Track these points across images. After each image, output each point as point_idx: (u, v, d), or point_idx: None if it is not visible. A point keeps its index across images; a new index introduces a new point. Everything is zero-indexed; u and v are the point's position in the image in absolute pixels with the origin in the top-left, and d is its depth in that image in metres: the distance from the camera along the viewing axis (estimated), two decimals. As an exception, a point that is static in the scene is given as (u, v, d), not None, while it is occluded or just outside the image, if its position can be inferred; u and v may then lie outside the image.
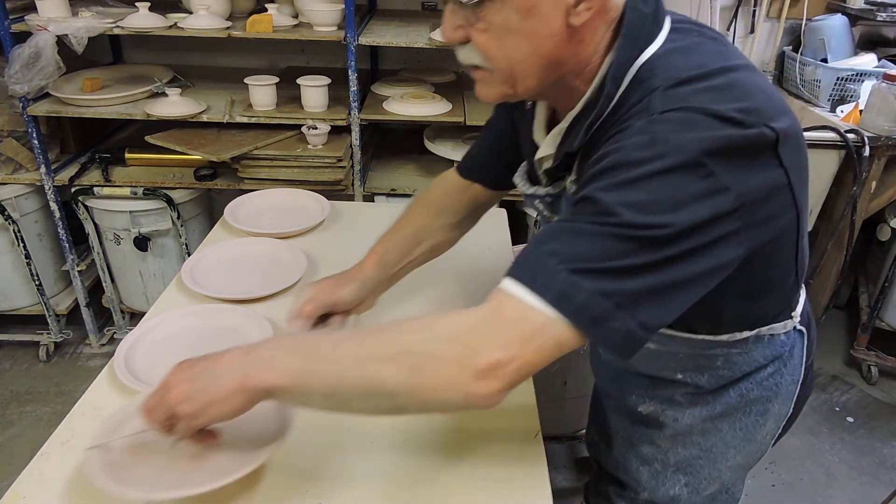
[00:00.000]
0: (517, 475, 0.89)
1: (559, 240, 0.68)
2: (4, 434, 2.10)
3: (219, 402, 0.71)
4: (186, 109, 2.05)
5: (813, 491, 2.01)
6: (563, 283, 0.65)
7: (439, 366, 0.68)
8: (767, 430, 1.02)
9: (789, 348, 0.95)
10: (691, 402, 1.00)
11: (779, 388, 0.98)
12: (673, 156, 0.65)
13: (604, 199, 0.66)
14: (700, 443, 1.02)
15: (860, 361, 2.47)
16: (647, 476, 1.08)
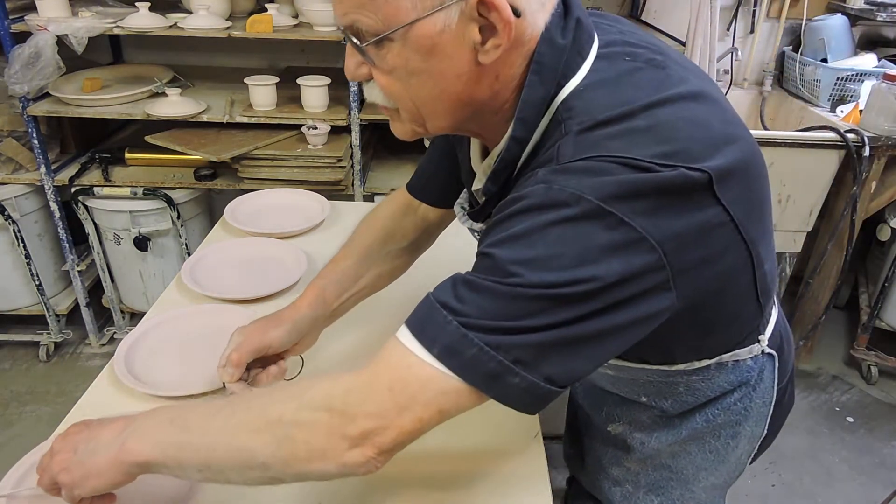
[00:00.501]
0: (517, 475, 0.89)
1: (457, 291, 0.64)
2: (4, 434, 2.10)
3: (95, 475, 0.70)
4: (186, 109, 2.05)
5: (813, 491, 2.01)
6: (453, 336, 0.61)
7: (310, 436, 0.63)
8: (741, 450, 0.97)
9: (757, 373, 0.89)
10: (657, 425, 0.97)
11: (748, 411, 0.93)
12: (573, 205, 0.58)
13: (499, 256, 0.61)
14: (670, 465, 0.99)
15: (860, 361, 2.47)
16: (619, 496, 1.06)
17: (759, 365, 0.89)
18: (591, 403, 1.08)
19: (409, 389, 0.63)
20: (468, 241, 1.50)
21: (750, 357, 0.87)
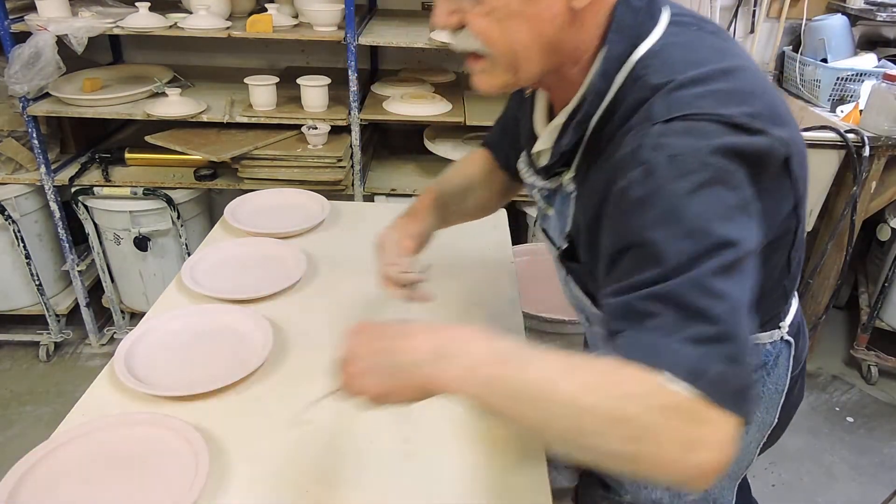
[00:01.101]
0: (517, 475, 0.89)
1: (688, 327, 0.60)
2: (4, 434, 2.10)
3: (397, 394, 0.68)
4: (186, 109, 2.05)
5: (813, 491, 2.01)
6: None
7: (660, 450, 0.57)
8: (751, 437, 0.99)
9: (774, 357, 0.92)
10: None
11: (761, 396, 0.96)
12: (701, 171, 0.62)
13: (658, 243, 0.61)
14: None
15: (860, 361, 2.46)
16: (629, 479, 1.06)
17: (777, 350, 0.92)
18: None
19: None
20: (465, 237, 1.50)
21: (769, 342, 0.90)
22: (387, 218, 1.54)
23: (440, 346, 0.65)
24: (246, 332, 1.14)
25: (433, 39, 1.95)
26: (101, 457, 0.88)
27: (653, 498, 1.06)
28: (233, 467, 0.89)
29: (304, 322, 1.19)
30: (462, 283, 1.34)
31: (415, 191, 2.19)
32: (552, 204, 0.90)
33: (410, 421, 0.98)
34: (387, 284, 0.98)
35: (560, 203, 0.86)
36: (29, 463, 0.86)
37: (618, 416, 0.57)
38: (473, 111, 2.14)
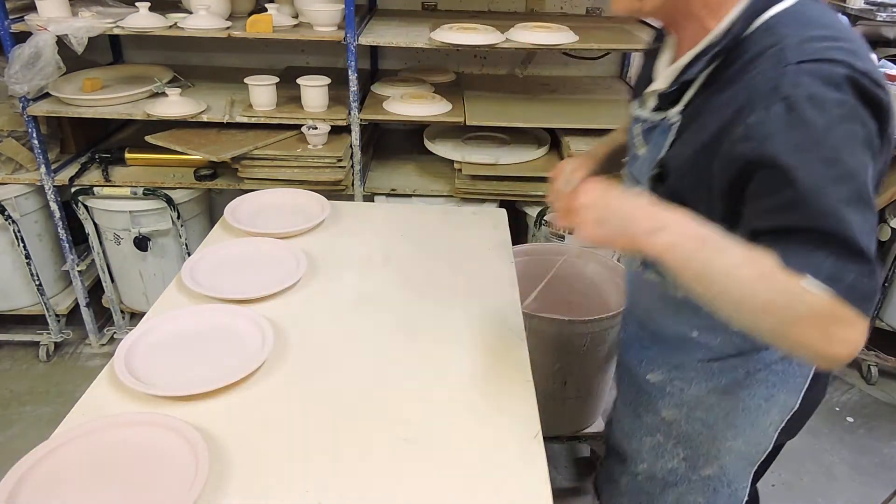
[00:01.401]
0: (517, 475, 0.89)
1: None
2: (4, 434, 2.10)
3: (614, 240, 0.83)
4: (186, 109, 2.05)
5: (813, 491, 2.01)
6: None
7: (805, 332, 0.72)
8: (771, 419, 1.03)
9: None
10: (698, 373, 1.03)
11: (786, 375, 1.00)
12: (837, 108, 0.71)
13: (795, 168, 0.72)
14: (703, 418, 1.05)
15: (860, 361, 2.47)
16: (647, 447, 1.13)
17: None
18: (632, 356, 1.14)
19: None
20: (465, 238, 1.50)
21: None
22: (387, 218, 1.56)
23: (659, 220, 0.79)
24: (246, 332, 1.14)
25: (433, 39, 1.95)
26: (101, 457, 0.88)
27: (668, 467, 1.11)
28: (233, 467, 0.89)
29: (304, 322, 1.19)
30: (462, 283, 1.34)
31: (415, 190, 2.19)
32: (648, 141, 0.97)
33: (410, 421, 0.98)
34: (554, 214, 1.09)
35: (658, 135, 0.94)
36: (29, 463, 0.86)
37: (778, 305, 0.72)
38: (473, 111, 2.14)
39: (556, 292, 2.02)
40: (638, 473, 1.17)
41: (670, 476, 1.12)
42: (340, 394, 1.03)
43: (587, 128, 2.12)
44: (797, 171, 0.71)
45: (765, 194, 0.75)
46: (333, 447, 0.93)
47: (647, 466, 1.14)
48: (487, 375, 1.08)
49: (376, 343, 1.15)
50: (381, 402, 1.02)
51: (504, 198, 2.15)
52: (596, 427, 1.97)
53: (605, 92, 2.49)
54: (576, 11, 2.59)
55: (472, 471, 0.90)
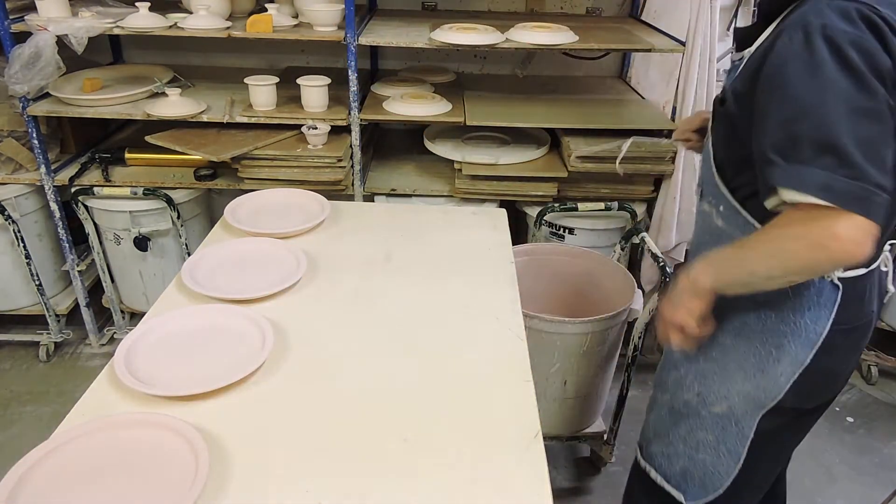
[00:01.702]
0: (517, 475, 0.89)
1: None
2: (4, 434, 2.10)
3: (681, 305, 1.06)
4: (186, 109, 2.05)
5: (813, 491, 2.01)
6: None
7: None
8: (782, 369, 1.09)
9: (816, 293, 1.04)
10: (719, 312, 1.11)
11: (797, 328, 1.06)
12: (847, 38, 0.86)
13: (796, 87, 0.88)
14: (718, 358, 1.16)
15: (860, 361, 2.47)
16: (672, 379, 1.26)
17: (822, 287, 1.04)
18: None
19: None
20: (465, 238, 1.50)
21: (818, 278, 1.03)
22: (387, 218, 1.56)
23: (689, 274, 1.05)
24: (246, 332, 1.14)
25: (433, 39, 1.95)
26: (101, 457, 0.88)
27: (684, 399, 1.23)
28: (233, 467, 0.89)
29: (304, 322, 1.19)
30: (462, 283, 1.34)
31: (415, 191, 2.19)
32: (729, 81, 1.09)
33: (410, 420, 0.98)
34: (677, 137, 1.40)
35: (732, 72, 1.08)
36: (29, 463, 0.86)
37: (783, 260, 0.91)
38: (473, 111, 2.15)
39: (557, 292, 2.02)
40: (663, 405, 1.29)
41: (684, 408, 1.23)
42: (340, 394, 1.03)
43: (587, 128, 2.12)
44: (798, 89, 0.86)
45: (772, 113, 0.90)
46: (333, 447, 0.93)
47: (670, 398, 1.26)
48: (487, 375, 1.08)
49: (376, 343, 1.15)
50: (381, 402, 1.02)
51: (504, 198, 2.15)
52: (596, 427, 1.97)
53: (605, 92, 2.49)
54: (576, 11, 2.59)
55: (472, 471, 0.90)
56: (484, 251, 1.47)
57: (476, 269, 1.39)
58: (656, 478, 1.30)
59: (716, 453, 1.20)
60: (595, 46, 2.00)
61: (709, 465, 1.21)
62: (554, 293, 2.02)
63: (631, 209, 2.10)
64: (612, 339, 1.79)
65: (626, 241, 2.04)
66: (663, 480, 1.29)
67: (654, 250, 1.78)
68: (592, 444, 1.99)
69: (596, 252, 1.97)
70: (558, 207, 2.08)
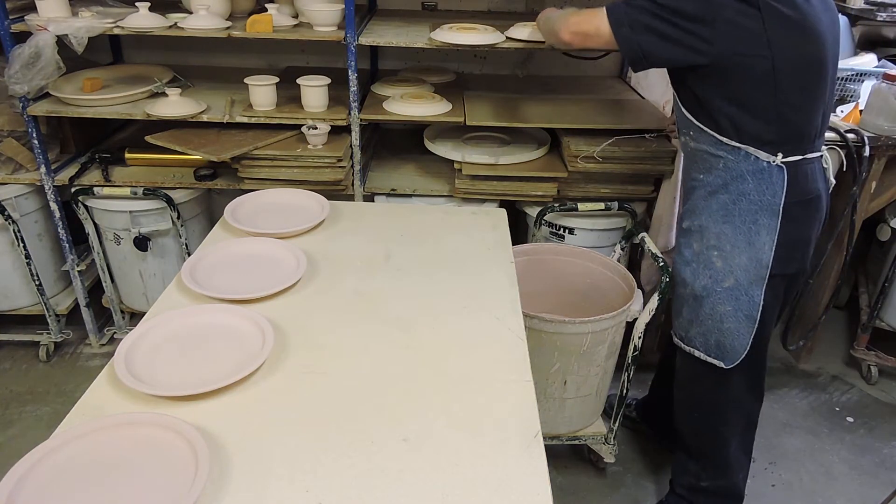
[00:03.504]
0: (517, 475, 0.89)
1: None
2: (4, 434, 2.10)
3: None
4: (186, 109, 2.05)
5: (813, 491, 2.01)
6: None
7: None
8: (763, 240, 1.45)
9: (769, 175, 1.41)
10: (702, 208, 1.51)
11: (762, 203, 1.42)
12: None
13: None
14: (715, 245, 1.50)
15: (860, 361, 2.47)
16: (689, 273, 1.57)
17: (772, 171, 1.41)
18: (681, 216, 1.64)
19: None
20: (465, 238, 1.50)
21: (766, 160, 1.40)
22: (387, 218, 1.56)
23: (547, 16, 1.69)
24: (246, 332, 1.14)
25: (433, 39, 1.95)
26: (101, 457, 0.88)
27: (702, 284, 1.53)
28: (233, 467, 0.89)
29: (304, 322, 1.19)
30: (462, 283, 1.34)
31: (415, 191, 2.19)
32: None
33: (410, 420, 0.98)
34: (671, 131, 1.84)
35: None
36: (29, 463, 0.86)
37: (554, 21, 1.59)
38: (473, 111, 2.14)
39: (557, 292, 2.02)
40: (688, 296, 1.58)
41: (703, 291, 1.54)
42: (340, 394, 1.03)
43: (587, 128, 2.12)
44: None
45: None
46: (333, 447, 0.93)
47: (690, 288, 1.56)
48: (487, 375, 1.08)
49: (376, 343, 1.15)
50: (381, 402, 1.02)
51: (504, 198, 2.15)
52: (596, 427, 1.97)
53: (605, 92, 2.49)
54: (576, 11, 2.59)
55: (472, 471, 0.90)
56: (484, 251, 1.47)
57: (476, 269, 1.40)
58: (700, 355, 1.60)
59: (736, 320, 1.52)
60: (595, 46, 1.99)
61: (734, 331, 1.53)
62: (554, 293, 2.02)
63: (631, 209, 2.10)
64: (612, 339, 1.79)
65: (626, 241, 2.04)
66: (705, 355, 1.59)
67: (653, 250, 1.78)
68: (592, 444, 1.99)
69: (596, 252, 1.97)
70: (558, 207, 2.08)
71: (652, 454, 2.11)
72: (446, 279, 1.35)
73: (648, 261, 2.23)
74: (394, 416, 0.99)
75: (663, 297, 1.69)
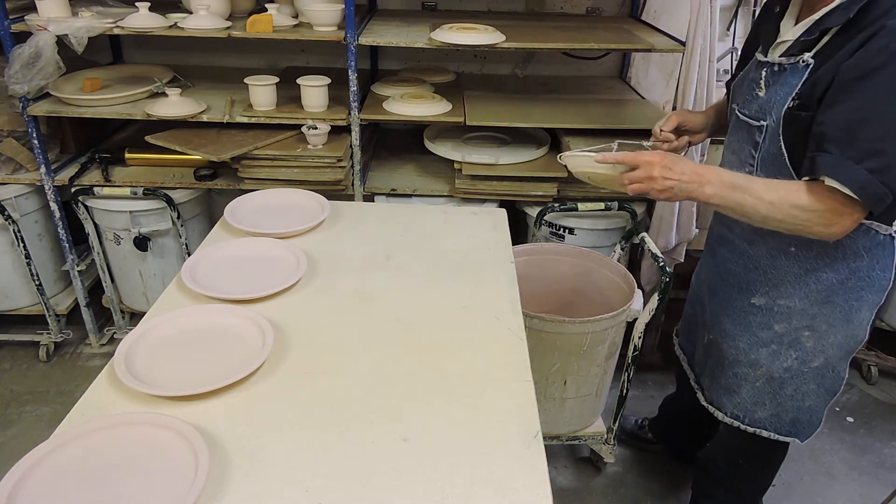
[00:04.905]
0: (517, 475, 0.89)
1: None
2: (4, 434, 2.10)
3: (674, 197, 1.20)
4: (186, 109, 2.05)
5: (813, 491, 2.01)
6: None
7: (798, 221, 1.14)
8: (863, 315, 1.32)
9: (882, 248, 1.24)
10: (796, 288, 1.32)
11: (872, 279, 1.27)
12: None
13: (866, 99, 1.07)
14: (809, 325, 1.33)
15: (860, 361, 2.47)
16: (765, 355, 1.40)
17: (886, 243, 1.25)
18: (737, 289, 1.43)
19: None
20: (465, 238, 1.51)
21: (884, 232, 1.23)
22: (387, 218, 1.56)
23: (701, 176, 1.17)
24: (246, 332, 1.14)
25: (433, 39, 1.95)
26: (101, 457, 0.88)
27: (784, 366, 1.39)
28: (233, 467, 0.89)
29: (304, 322, 1.19)
30: (462, 283, 1.34)
31: (415, 191, 2.19)
32: (772, 83, 1.23)
33: (410, 420, 0.98)
34: (657, 139, 1.56)
35: (789, 75, 1.20)
36: (29, 463, 0.86)
37: (786, 216, 1.13)
38: (473, 111, 2.14)
39: (557, 292, 2.02)
40: (758, 378, 1.43)
41: (786, 374, 1.39)
42: (340, 394, 1.03)
43: (587, 128, 2.12)
44: (873, 94, 1.03)
45: (845, 101, 1.07)
46: (333, 447, 0.93)
47: (765, 370, 1.41)
48: (487, 375, 1.08)
49: (376, 343, 1.15)
50: (381, 402, 1.02)
51: (504, 198, 2.15)
52: (596, 427, 1.97)
53: (605, 92, 2.49)
54: (576, 11, 2.59)
55: (472, 471, 0.90)
56: (484, 251, 1.47)
57: (476, 269, 1.40)
58: (769, 435, 1.47)
59: (818, 397, 1.42)
60: (595, 46, 2.00)
61: (814, 407, 1.43)
62: (554, 293, 2.02)
63: (631, 209, 2.10)
64: (612, 339, 1.79)
65: (626, 241, 2.04)
66: (777, 435, 1.47)
67: (653, 250, 1.78)
68: (592, 444, 1.99)
69: (596, 252, 1.97)
70: (558, 207, 2.08)
71: (652, 455, 2.11)
72: (446, 279, 1.35)
73: (648, 261, 2.23)
74: (394, 416, 0.99)
75: (663, 297, 1.69)
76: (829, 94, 1.09)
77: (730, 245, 1.43)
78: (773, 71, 1.24)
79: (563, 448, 2.10)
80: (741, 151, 1.32)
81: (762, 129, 1.25)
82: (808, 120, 1.14)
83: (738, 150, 1.34)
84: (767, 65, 1.25)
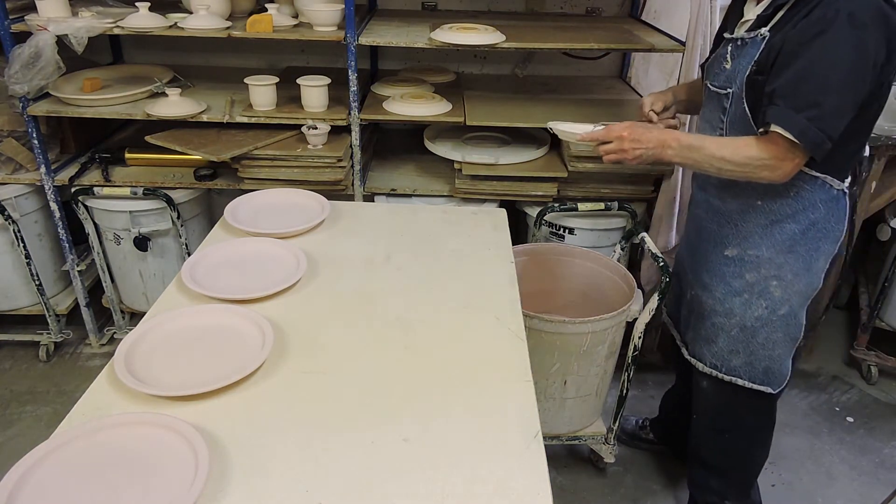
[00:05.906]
0: (517, 475, 0.89)
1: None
2: (4, 434, 2.10)
3: (641, 160, 1.40)
4: (186, 109, 2.05)
5: (813, 491, 2.01)
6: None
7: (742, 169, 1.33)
8: (820, 265, 1.44)
9: (836, 201, 1.38)
10: (763, 239, 1.44)
11: (828, 231, 1.40)
12: (861, 27, 1.18)
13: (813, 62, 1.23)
14: (776, 275, 1.45)
15: (860, 361, 2.46)
16: (738, 304, 1.51)
17: (840, 197, 1.38)
18: (713, 244, 1.55)
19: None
20: (465, 237, 1.51)
21: (837, 188, 1.37)
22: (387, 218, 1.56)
23: (664, 142, 1.38)
24: (246, 332, 1.14)
25: (433, 39, 1.95)
26: (101, 457, 0.88)
27: (755, 315, 1.50)
28: (233, 467, 0.89)
29: (304, 322, 1.19)
30: (462, 283, 1.34)
31: (415, 191, 2.19)
32: (736, 56, 1.38)
33: (410, 420, 0.98)
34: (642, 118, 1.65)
35: (750, 48, 1.34)
36: (29, 463, 0.86)
37: (740, 166, 1.31)
38: (473, 111, 2.14)
39: (557, 292, 2.02)
40: (732, 328, 1.53)
41: (757, 322, 1.50)
42: (340, 394, 1.03)
43: (587, 128, 2.12)
44: (815, 57, 1.19)
45: (793, 63, 1.23)
46: (333, 447, 0.93)
47: (739, 319, 1.52)
48: (487, 375, 1.08)
49: (376, 343, 1.15)
50: (381, 402, 1.02)
51: (504, 198, 2.15)
52: (596, 427, 1.97)
53: (605, 92, 2.49)
54: (576, 11, 2.59)
55: (472, 471, 0.90)
56: (484, 251, 1.47)
57: (476, 269, 1.40)
58: (744, 383, 1.56)
59: (784, 345, 1.51)
60: (595, 46, 2.00)
61: (783, 356, 1.53)
62: (554, 293, 2.02)
63: (631, 209, 2.10)
64: (612, 339, 1.79)
65: (626, 241, 2.04)
66: (750, 383, 1.56)
67: (653, 250, 1.78)
68: (592, 444, 1.99)
69: (596, 252, 1.97)
70: (558, 207, 2.08)
71: (652, 455, 2.11)
72: (446, 279, 1.35)
73: (648, 261, 2.23)
74: (394, 416, 0.99)
75: (663, 297, 1.69)
76: (779, 58, 1.26)
77: (705, 204, 1.57)
78: (736, 45, 1.39)
79: (563, 448, 2.10)
80: (713, 119, 1.48)
81: (729, 96, 1.40)
82: (765, 82, 1.31)
83: (710, 118, 1.49)
84: (732, 41, 1.40)
